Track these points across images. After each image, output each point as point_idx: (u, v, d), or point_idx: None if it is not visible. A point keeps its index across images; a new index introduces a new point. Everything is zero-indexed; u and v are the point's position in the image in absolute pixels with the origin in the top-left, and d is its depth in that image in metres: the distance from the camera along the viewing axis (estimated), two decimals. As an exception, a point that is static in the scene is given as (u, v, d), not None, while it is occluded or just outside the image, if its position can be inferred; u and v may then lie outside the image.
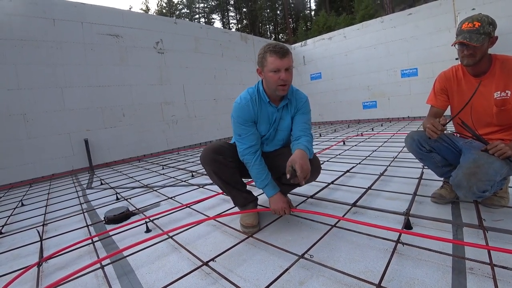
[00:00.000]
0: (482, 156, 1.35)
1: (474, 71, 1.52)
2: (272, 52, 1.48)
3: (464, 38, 1.37)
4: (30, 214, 2.53)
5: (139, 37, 5.59)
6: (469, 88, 1.56)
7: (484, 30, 1.36)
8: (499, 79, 1.44)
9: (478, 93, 1.51)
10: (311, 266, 1.23)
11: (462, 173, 1.35)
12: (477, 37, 1.35)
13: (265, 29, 38.34)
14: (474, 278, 1.04)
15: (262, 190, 1.68)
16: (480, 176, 1.29)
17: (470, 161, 1.37)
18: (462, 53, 1.44)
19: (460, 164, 1.45)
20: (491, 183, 1.30)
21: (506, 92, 1.42)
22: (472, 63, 1.43)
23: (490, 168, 1.29)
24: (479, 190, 1.30)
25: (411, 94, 6.98)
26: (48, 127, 4.39)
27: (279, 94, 1.57)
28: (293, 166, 1.39)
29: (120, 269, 1.39)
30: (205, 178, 3.19)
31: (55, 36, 4.47)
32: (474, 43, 1.34)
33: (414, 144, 1.70)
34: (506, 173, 1.37)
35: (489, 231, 1.32)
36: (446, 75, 1.68)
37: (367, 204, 1.86)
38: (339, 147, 4.21)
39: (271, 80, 1.51)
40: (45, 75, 4.36)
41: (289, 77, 1.51)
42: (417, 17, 6.61)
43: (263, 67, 1.53)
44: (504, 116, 1.46)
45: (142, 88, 5.61)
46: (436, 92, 1.72)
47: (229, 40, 7.53)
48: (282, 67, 1.48)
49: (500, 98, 1.44)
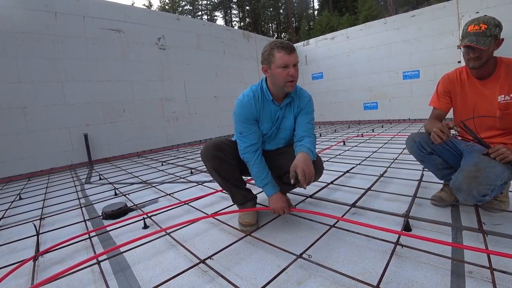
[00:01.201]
0: (483, 159, 1.33)
1: (479, 74, 1.50)
2: (280, 48, 1.47)
3: (471, 41, 1.35)
4: (28, 208, 2.53)
5: (141, 32, 5.57)
6: (473, 90, 1.55)
7: (491, 32, 1.33)
8: (504, 82, 1.42)
9: (481, 96, 1.50)
10: (309, 266, 1.22)
11: (463, 177, 1.33)
12: (483, 40, 1.33)
13: (268, 28, 38.30)
14: (473, 282, 1.03)
15: (261, 189, 1.67)
16: (480, 180, 1.27)
17: (471, 164, 1.35)
18: (468, 55, 1.42)
19: (460, 167, 1.44)
20: (491, 187, 1.28)
21: (510, 96, 1.40)
22: (478, 66, 1.41)
23: (491, 172, 1.27)
24: (479, 194, 1.28)
25: (412, 96, 6.96)
26: (48, 121, 4.38)
27: (287, 91, 1.56)
28: (296, 171, 1.38)
29: (116, 265, 1.38)
30: (204, 175, 3.18)
31: (57, 30, 4.46)
32: (481, 46, 1.32)
33: (415, 146, 1.68)
34: (507, 178, 1.35)
35: (489, 235, 1.31)
36: (450, 77, 1.67)
37: (366, 205, 1.85)
38: (339, 148, 4.20)
39: (280, 77, 1.50)
40: (46, 69, 4.34)
41: (297, 73, 1.51)
42: (421, 19, 6.58)
43: (270, 63, 1.51)
44: (508, 120, 1.45)
45: (143, 84, 5.60)
46: (439, 94, 1.71)
47: (231, 37, 7.50)
48: (290, 63, 1.47)
49: (504, 102, 1.43)
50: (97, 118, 4.95)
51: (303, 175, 1.35)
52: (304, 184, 1.36)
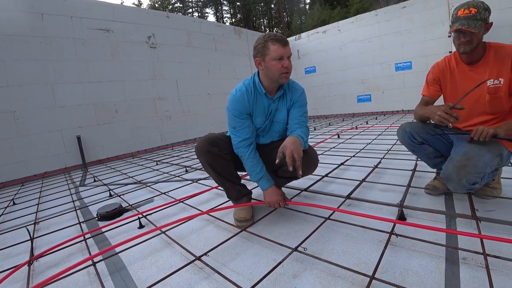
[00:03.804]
0: (472, 148, 1.35)
1: (469, 59, 1.49)
2: (275, 40, 1.48)
3: (462, 24, 1.34)
4: (22, 213, 2.50)
5: (130, 31, 5.50)
6: (462, 76, 1.55)
7: (481, 16, 1.33)
8: (493, 66, 1.42)
9: (471, 81, 1.50)
10: (305, 259, 1.22)
11: (452, 166, 1.36)
12: (474, 23, 1.33)
13: (259, 23, 38.07)
14: (467, 268, 1.04)
15: (256, 183, 1.67)
16: (469, 169, 1.30)
17: (460, 154, 1.37)
18: (459, 40, 1.41)
19: (450, 156, 1.45)
20: (480, 175, 1.31)
21: (499, 80, 1.40)
22: (469, 50, 1.40)
23: (480, 160, 1.30)
24: (469, 182, 1.31)
25: (405, 87, 6.99)
26: (39, 125, 4.31)
27: (282, 82, 1.57)
28: (284, 153, 1.37)
29: (112, 266, 1.37)
30: (199, 173, 3.17)
31: (44, 31, 4.37)
32: (473, 29, 1.32)
33: (406, 136, 1.70)
34: (496, 165, 1.37)
35: (482, 221, 1.33)
36: (439, 65, 1.68)
37: (361, 196, 1.86)
38: (334, 140, 4.21)
39: (274, 69, 1.50)
40: (35, 71, 4.26)
41: (291, 65, 1.53)
42: (411, 10, 6.58)
43: (265, 56, 1.51)
44: (497, 104, 1.45)
45: (135, 84, 5.54)
46: (429, 82, 1.73)
47: (222, 34, 7.44)
48: (285, 55, 1.49)
49: (493, 86, 1.43)
50: (89, 120, 4.89)
51: (290, 156, 1.35)
52: (290, 165, 1.35)
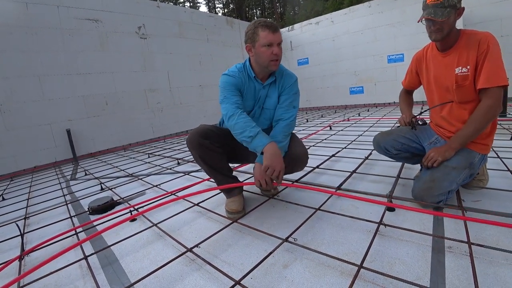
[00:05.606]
0: (438, 169, 1.43)
1: (443, 46, 1.48)
2: (264, 26, 1.47)
3: (429, 14, 1.33)
4: (11, 208, 2.46)
5: (120, 21, 5.36)
6: (435, 63, 1.55)
7: (449, 2, 1.31)
8: (462, 53, 1.40)
9: (442, 68, 1.50)
10: (295, 249, 1.24)
11: (419, 188, 1.47)
12: (441, 11, 1.31)
13: (252, 14, 37.53)
14: (452, 256, 1.07)
15: (252, 147, 1.46)
16: (433, 192, 1.40)
17: (427, 175, 1.45)
18: (429, 28, 1.40)
19: (420, 176, 1.54)
20: (445, 194, 1.41)
21: (467, 68, 1.38)
22: (440, 37, 1.39)
23: (446, 180, 1.38)
24: (434, 201, 1.42)
25: (397, 79, 7.02)
26: (27, 118, 4.21)
27: (271, 69, 1.56)
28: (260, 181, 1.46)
29: (104, 259, 1.37)
30: (191, 165, 3.16)
31: (29, 21, 4.22)
32: (440, 18, 1.30)
33: (381, 151, 1.79)
34: (466, 175, 1.44)
35: (468, 211, 1.37)
36: (418, 55, 1.72)
37: (351, 187, 1.88)
38: (326, 132, 4.23)
39: (264, 55, 1.50)
40: (21, 63, 4.13)
41: (281, 52, 1.53)
42: (404, 2, 6.56)
43: (255, 42, 1.50)
44: (464, 93, 1.43)
45: (125, 75, 5.44)
46: (407, 73, 1.86)
47: (214, 24, 7.33)
48: (274, 42, 1.48)
49: (461, 74, 1.40)
50: (79, 113, 4.80)
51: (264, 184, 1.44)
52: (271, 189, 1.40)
